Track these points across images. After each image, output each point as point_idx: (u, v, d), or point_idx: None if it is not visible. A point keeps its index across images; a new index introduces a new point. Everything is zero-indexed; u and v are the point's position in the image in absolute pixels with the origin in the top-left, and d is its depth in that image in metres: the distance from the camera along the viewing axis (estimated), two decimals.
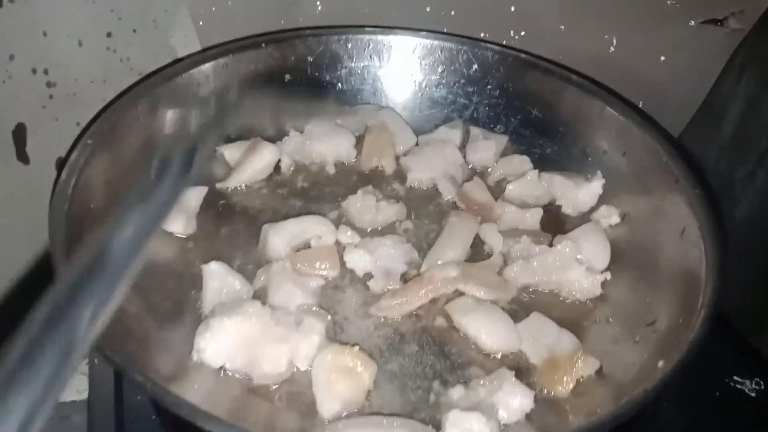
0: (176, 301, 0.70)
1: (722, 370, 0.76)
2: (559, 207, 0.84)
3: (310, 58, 0.94)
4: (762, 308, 0.88)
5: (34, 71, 0.86)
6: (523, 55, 0.92)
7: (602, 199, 0.83)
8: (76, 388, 0.86)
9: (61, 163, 0.83)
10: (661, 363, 0.58)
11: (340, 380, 0.61)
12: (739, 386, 0.75)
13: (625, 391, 0.60)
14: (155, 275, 0.72)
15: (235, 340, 0.63)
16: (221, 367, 0.63)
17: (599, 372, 0.65)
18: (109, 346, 0.55)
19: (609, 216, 0.80)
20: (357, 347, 0.63)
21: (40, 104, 0.88)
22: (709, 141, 1.03)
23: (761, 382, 0.75)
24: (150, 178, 0.44)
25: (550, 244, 0.76)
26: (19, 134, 0.87)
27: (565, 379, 0.63)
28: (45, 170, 0.88)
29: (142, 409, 0.65)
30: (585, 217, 0.83)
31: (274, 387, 0.63)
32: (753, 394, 0.74)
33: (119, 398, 0.67)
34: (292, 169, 0.89)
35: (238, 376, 0.63)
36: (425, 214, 0.84)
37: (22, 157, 0.88)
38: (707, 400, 0.73)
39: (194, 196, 0.80)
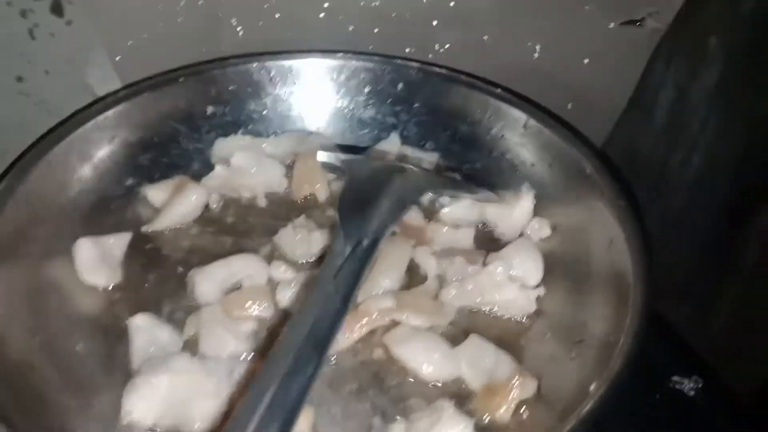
0: (103, 361, 0.67)
1: (661, 371, 0.77)
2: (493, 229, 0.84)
3: (231, 88, 0.92)
4: (698, 302, 0.90)
5: None
6: (446, 71, 0.92)
7: (533, 211, 0.83)
8: None
9: None
10: (593, 386, 0.58)
11: None
12: (678, 386, 0.76)
13: (565, 412, 0.60)
14: (79, 334, 0.69)
15: (165, 398, 0.61)
16: (151, 428, 0.61)
17: (538, 393, 0.65)
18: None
19: (540, 229, 0.81)
20: None
21: None
22: (642, 132, 1.05)
23: (699, 380, 0.77)
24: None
25: (484, 263, 0.76)
26: None
27: (503, 404, 0.63)
28: None
29: None
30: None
31: None
32: (692, 393, 0.76)
33: None
34: (221, 204, 0.86)
35: None
36: None
37: None
38: (647, 403, 0.74)
39: (117, 244, 0.77)
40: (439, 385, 0.67)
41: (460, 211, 0.83)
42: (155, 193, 0.84)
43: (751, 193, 0.80)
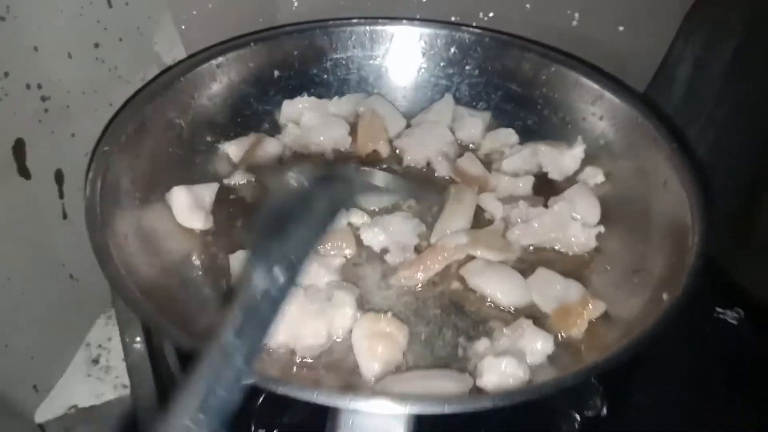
0: (208, 293, 0.74)
1: (706, 304, 0.85)
2: (546, 174, 0.90)
3: (296, 53, 0.98)
4: (731, 247, 0.97)
5: (28, 87, 0.88)
6: (498, 35, 0.98)
7: (586, 162, 0.89)
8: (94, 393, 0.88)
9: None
10: (665, 295, 0.65)
11: (378, 344, 0.66)
12: (722, 316, 0.84)
13: (631, 329, 0.66)
14: (186, 268, 0.75)
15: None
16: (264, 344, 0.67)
17: (606, 314, 0.71)
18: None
19: (594, 176, 0.87)
20: (390, 313, 0.68)
21: (36, 119, 0.89)
22: (663, 103, 1.11)
23: (740, 311, 0.84)
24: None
25: (545, 206, 0.82)
26: (19, 150, 0.88)
27: (578, 321, 0.69)
28: (45, 184, 0.89)
29: None
30: (571, 180, 0.90)
31: (315, 358, 0.68)
32: (735, 322, 0.83)
33: None
34: (292, 159, 0.93)
35: (282, 351, 0.67)
36: (425, 191, 0.89)
37: (23, 172, 0.89)
38: (695, 331, 0.82)
39: (207, 192, 0.83)
40: (513, 310, 0.74)
41: (519, 161, 0.89)
42: (234, 148, 0.90)
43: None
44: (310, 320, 0.67)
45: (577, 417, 0.68)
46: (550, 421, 0.69)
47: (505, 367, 0.62)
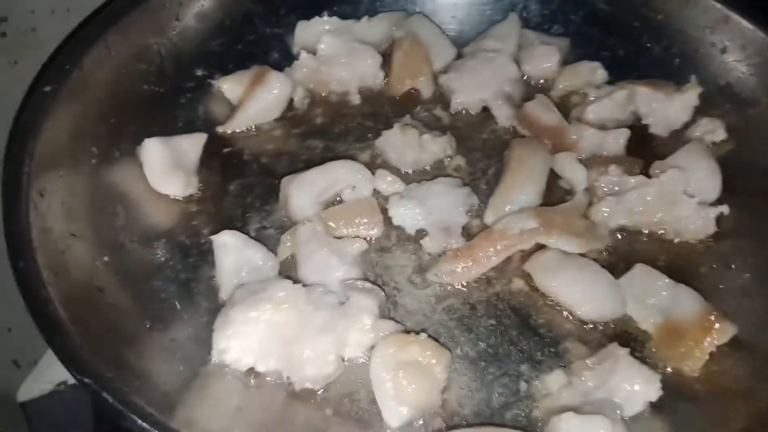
0: (184, 285, 0.56)
1: None
2: (646, 126, 0.67)
3: None
4: None
5: None
6: None
7: (700, 111, 0.67)
8: None
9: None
10: None
11: (408, 378, 0.47)
12: None
13: None
14: (153, 253, 0.57)
15: (266, 334, 0.49)
16: (250, 370, 0.49)
17: (734, 339, 0.50)
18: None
19: (713, 131, 0.65)
20: (424, 334, 0.49)
21: None
22: None
23: None
24: None
25: (645, 173, 0.60)
26: None
27: (695, 352, 0.49)
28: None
29: None
30: (678, 136, 0.67)
31: (322, 390, 0.49)
32: None
33: None
34: (307, 101, 0.72)
35: (273, 380, 0.49)
36: (479, 146, 0.68)
37: None
38: None
39: (191, 146, 0.64)
40: (601, 326, 0.53)
41: (608, 107, 0.66)
42: (231, 85, 0.70)
43: None
44: (314, 337, 0.48)
45: None
46: None
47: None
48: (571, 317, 0.54)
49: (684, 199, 0.57)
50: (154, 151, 0.61)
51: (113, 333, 0.48)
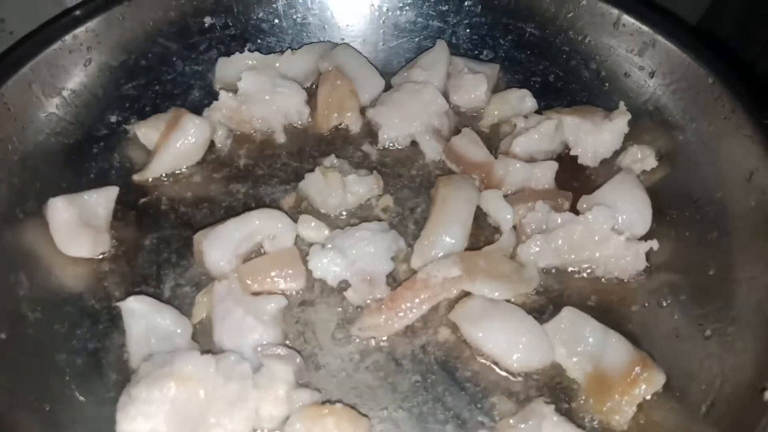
0: (91, 357, 0.52)
1: None
2: (575, 157, 0.65)
3: None
4: None
5: None
6: None
7: (630, 138, 0.65)
8: None
9: None
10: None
11: None
12: None
13: (706, 420, 0.44)
14: (59, 321, 0.54)
15: (172, 412, 0.46)
16: None
17: (665, 384, 0.48)
18: None
19: (642, 159, 0.63)
20: (340, 404, 0.46)
21: None
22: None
23: None
24: None
25: (573, 206, 0.58)
26: None
27: (622, 404, 0.47)
28: None
29: None
30: (609, 165, 0.65)
31: None
32: None
33: None
34: (229, 142, 0.69)
35: None
36: (407, 183, 0.66)
37: None
38: None
39: (101, 201, 0.60)
40: (529, 375, 0.51)
41: (536, 139, 0.64)
42: (146, 130, 0.67)
43: None
44: (224, 413, 0.45)
45: None
46: None
47: None
48: (497, 369, 0.52)
49: (612, 236, 0.55)
50: (59, 210, 0.57)
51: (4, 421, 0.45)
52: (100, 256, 0.59)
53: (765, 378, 0.43)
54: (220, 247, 0.57)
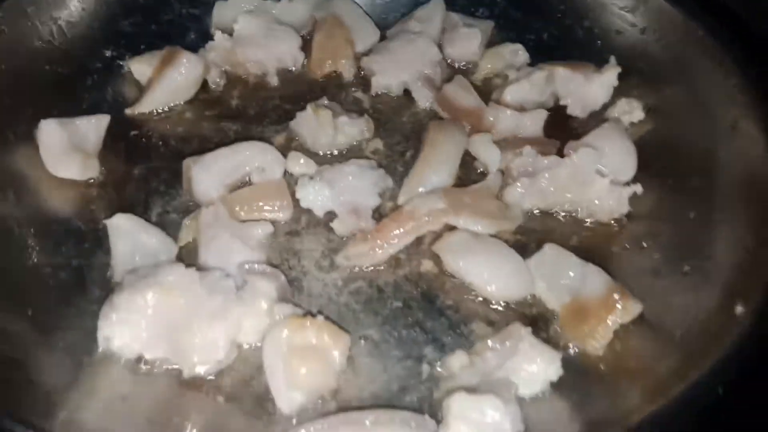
0: (75, 272, 0.53)
1: None
2: (564, 107, 0.66)
3: None
4: None
5: None
6: None
7: (619, 92, 0.66)
8: None
9: None
10: (739, 308, 0.43)
11: (302, 363, 0.45)
12: None
13: (681, 344, 0.45)
14: (46, 239, 0.54)
15: (154, 321, 0.46)
16: (139, 358, 0.47)
17: (641, 318, 0.49)
18: None
19: (630, 111, 0.64)
20: (321, 316, 0.47)
21: None
22: None
23: None
24: None
25: (560, 153, 0.59)
26: None
27: (598, 330, 0.48)
28: None
29: None
30: (597, 117, 0.66)
31: (212, 377, 0.47)
32: None
33: None
34: (222, 83, 0.69)
35: (163, 368, 0.47)
36: (398, 128, 0.67)
37: None
38: None
39: (92, 128, 0.61)
40: (508, 307, 0.52)
41: (527, 89, 0.65)
42: (140, 66, 0.67)
43: None
44: (205, 323, 0.46)
45: None
46: None
47: (482, 413, 0.41)
48: (478, 298, 0.52)
49: (597, 178, 0.56)
50: (50, 132, 0.58)
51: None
52: (90, 181, 0.59)
53: (737, 297, 0.44)
54: (209, 174, 0.57)
